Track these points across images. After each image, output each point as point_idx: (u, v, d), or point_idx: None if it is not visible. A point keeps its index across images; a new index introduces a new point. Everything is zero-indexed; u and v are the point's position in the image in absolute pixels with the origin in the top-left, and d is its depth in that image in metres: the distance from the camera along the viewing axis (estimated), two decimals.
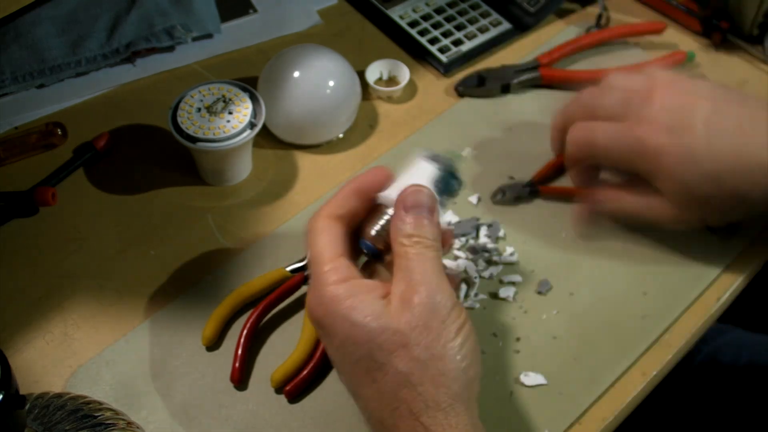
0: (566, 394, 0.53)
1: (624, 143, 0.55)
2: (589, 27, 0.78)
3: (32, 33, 0.71)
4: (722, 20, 0.75)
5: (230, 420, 0.52)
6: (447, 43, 0.75)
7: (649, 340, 0.56)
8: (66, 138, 0.67)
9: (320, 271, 0.45)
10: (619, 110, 0.56)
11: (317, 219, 0.47)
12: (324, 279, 0.44)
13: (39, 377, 0.53)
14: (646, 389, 0.54)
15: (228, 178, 0.65)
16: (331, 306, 0.43)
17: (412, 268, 0.44)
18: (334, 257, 0.45)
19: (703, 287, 0.59)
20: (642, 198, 0.57)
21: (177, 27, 0.73)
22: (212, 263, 0.60)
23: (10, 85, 0.69)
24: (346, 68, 0.67)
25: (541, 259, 0.60)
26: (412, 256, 0.44)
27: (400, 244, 0.45)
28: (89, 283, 0.59)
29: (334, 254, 0.45)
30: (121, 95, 0.71)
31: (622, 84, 0.57)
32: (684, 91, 0.55)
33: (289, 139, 0.67)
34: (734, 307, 0.60)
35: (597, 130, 0.56)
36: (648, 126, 0.54)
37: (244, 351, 0.54)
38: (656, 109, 0.54)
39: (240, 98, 0.62)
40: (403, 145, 0.68)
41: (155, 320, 0.56)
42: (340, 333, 0.43)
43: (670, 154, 0.53)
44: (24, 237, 0.61)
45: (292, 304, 0.57)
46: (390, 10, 0.78)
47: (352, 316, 0.43)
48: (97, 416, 0.43)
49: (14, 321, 0.56)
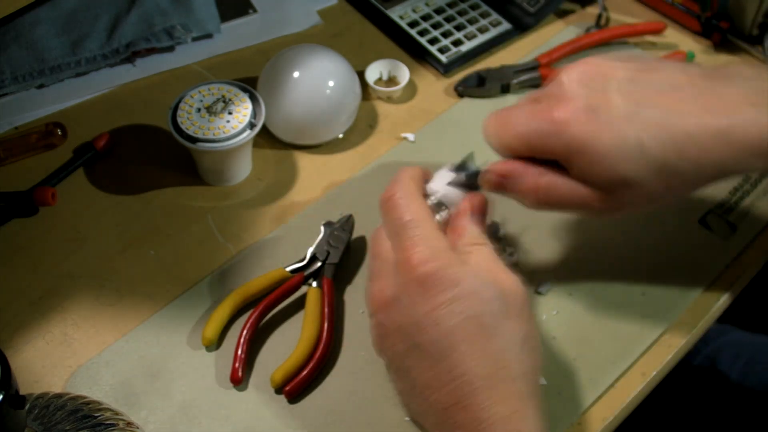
0: (566, 394, 0.53)
1: (540, 128, 0.49)
2: (589, 27, 0.78)
3: (32, 33, 0.71)
4: (722, 20, 0.75)
5: (230, 420, 0.52)
6: (447, 44, 0.75)
7: (649, 340, 0.56)
8: (66, 138, 0.67)
9: (427, 233, 0.46)
10: (537, 95, 0.52)
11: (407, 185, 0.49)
12: (434, 242, 0.46)
13: (39, 377, 0.53)
14: (646, 389, 0.54)
15: (228, 178, 0.65)
16: (447, 264, 0.45)
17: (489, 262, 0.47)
18: (435, 224, 0.48)
19: (703, 287, 0.59)
20: (566, 182, 0.50)
21: (177, 27, 0.73)
22: (212, 263, 0.60)
23: (10, 85, 0.69)
24: (346, 68, 0.67)
25: (541, 259, 0.60)
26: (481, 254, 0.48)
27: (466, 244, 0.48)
28: (89, 283, 0.59)
29: (433, 221, 0.48)
30: (121, 95, 0.71)
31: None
32: (596, 63, 0.50)
33: (289, 139, 0.67)
34: (734, 307, 0.60)
35: (510, 116, 0.51)
36: (564, 106, 0.48)
37: (244, 351, 0.54)
38: (565, 83, 0.49)
39: (240, 98, 0.62)
40: (403, 145, 0.68)
41: (155, 320, 0.56)
42: (450, 291, 0.44)
43: (590, 134, 0.47)
44: (24, 237, 0.61)
45: (292, 304, 0.57)
46: (390, 10, 0.78)
47: (469, 278, 0.45)
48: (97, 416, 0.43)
49: (14, 321, 0.56)
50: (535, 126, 0.49)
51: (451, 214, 0.51)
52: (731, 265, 0.60)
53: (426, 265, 0.45)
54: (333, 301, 0.56)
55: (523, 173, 0.51)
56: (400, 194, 0.48)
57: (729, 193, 0.64)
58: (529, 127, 0.49)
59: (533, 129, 0.49)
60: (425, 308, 0.44)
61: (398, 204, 0.48)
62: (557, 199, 0.50)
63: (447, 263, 0.45)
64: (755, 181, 0.65)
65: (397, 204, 0.48)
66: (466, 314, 0.44)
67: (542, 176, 0.50)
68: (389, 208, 0.48)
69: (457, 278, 0.44)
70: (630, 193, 0.48)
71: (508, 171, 0.51)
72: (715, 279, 0.59)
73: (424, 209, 0.48)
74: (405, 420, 0.51)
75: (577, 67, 0.49)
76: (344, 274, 0.59)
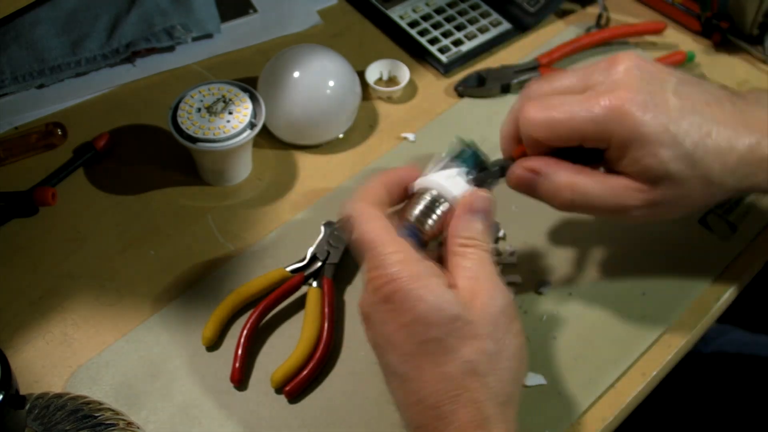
0: (566, 394, 0.53)
1: (597, 114, 0.47)
2: (589, 27, 0.78)
3: (32, 33, 0.71)
4: (722, 20, 0.75)
5: (230, 420, 0.52)
6: (447, 43, 0.75)
7: (649, 340, 0.56)
8: (66, 138, 0.67)
9: (385, 251, 0.45)
10: (578, 84, 0.50)
11: (361, 206, 0.47)
12: (393, 258, 0.44)
13: (39, 377, 0.53)
14: (646, 389, 0.54)
15: (228, 178, 0.65)
16: (407, 283, 0.43)
17: (475, 269, 0.45)
18: (396, 238, 0.46)
19: (703, 287, 0.59)
20: (603, 180, 0.49)
21: (177, 27, 0.73)
22: (212, 263, 0.60)
23: (10, 85, 0.69)
24: (346, 68, 0.67)
25: (541, 259, 0.60)
26: (472, 256, 0.46)
27: (461, 244, 0.46)
28: (89, 283, 0.59)
29: (394, 236, 0.46)
30: (121, 95, 0.71)
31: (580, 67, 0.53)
32: (647, 61, 0.50)
33: (289, 139, 0.67)
34: (734, 307, 0.60)
35: (554, 103, 0.49)
36: (618, 91, 0.47)
37: (244, 351, 0.54)
38: (623, 73, 0.48)
39: (240, 98, 0.62)
40: (404, 145, 0.68)
41: (155, 320, 0.56)
42: (412, 311, 0.43)
43: (651, 124, 0.47)
44: (24, 237, 0.61)
45: (293, 304, 0.57)
46: (390, 10, 0.78)
47: (429, 298, 0.43)
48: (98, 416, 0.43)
49: (14, 321, 0.56)
50: (584, 112, 0.48)
51: (450, 208, 0.49)
52: (731, 265, 0.60)
53: (387, 286, 0.43)
54: (333, 301, 0.56)
55: (557, 168, 0.49)
56: (354, 215, 0.47)
57: None
58: (583, 113, 0.48)
59: (589, 116, 0.48)
60: (390, 328, 0.44)
61: (355, 225, 0.47)
62: (593, 197, 0.49)
63: (408, 281, 0.43)
64: None
65: (354, 225, 0.47)
66: (427, 336, 0.43)
67: (579, 172, 0.49)
68: (349, 230, 0.47)
69: (419, 298, 0.43)
70: (672, 191, 0.48)
71: (540, 166, 0.50)
72: (715, 279, 0.59)
73: (382, 226, 0.46)
74: None
75: (631, 60, 0.49)
76: (344, 274, 0.59)
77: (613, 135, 0.48)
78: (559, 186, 0.49)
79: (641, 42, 0.77)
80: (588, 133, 0.48)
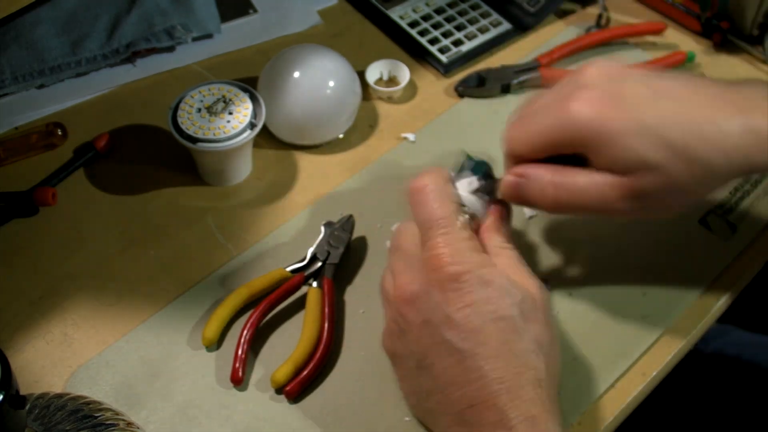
0: (566, 394, 0.53)
1: (558, 121, 0.48)
2: (589, 27, 0.78)
3: (32, 33, 0.71)
4: (722, 20, 0.75)
5: (230, 420, 0.52)
6: (447, 44, 0.75)
7: (649, 340, 0.56)
8: (66, 138, 0.67)
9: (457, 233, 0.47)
10: (552, 96, 0.51)
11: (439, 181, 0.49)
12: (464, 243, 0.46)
13: (39, 377, 0.53)
14: (646, 389, 0.54)
15: (228, 178, 0.65)
16: (478, 266, 0.46)
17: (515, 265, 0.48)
18: (465, 223, 0.48)
19: (703, 287, 0.59)
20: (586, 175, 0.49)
21: (177, 27, 0.73)
22: (212, 263, 0.60)
23: (10, 85, 0.69)
24: (346, 68, 0.67)
25: (541, 259, 0.60)
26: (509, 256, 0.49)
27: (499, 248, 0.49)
28: (89, 283, 0.59)
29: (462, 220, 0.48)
30: (121, 95, 0.71)
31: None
32: (612, 63, 0.50)
33: (289, 139, 0.67)
34: (735, 307, 0.60)
35: (529, 116, 0.51)
36: (582, 95, 0.48)
37: (244, 351, 0.54)
38: (587, 76, 0.49)
39: (240, 98, 0.62)
40: (404, 146, 0.68)
41: (155, 320, 0.56)
42: (482, 291, 0.45)
43: (607, 117, 0.47)
44: (24, 237, 0.61)
45: (293, 304, 0.57)
46: (390, 10, 0.78)
47: (499, 280, 0.46)
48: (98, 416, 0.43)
49: (14, 321, 0.56)
50: (552, 120, 0.49)
51: (474, 219, 0.51)
52: (731, 265, 0.60)
53: (458, 265, 0.45)
54: (333, 301, 0.56)
55: (543, 170, 0.50)
56: (432, 187, 0.48)
57: (729, 193, 0.64)
58: (547, 122, 0.49)
59: (551, 124, 0.49)
60: (457, 305, 0.45)
61: (430, 198, 0.48)
62: (576, 192, 0.49)
63: (478, 264, 0.46)
64: (755, 182, 0.65)
65: (429, 198, 0.48)
66: (496, 314, 0.44)
67: (563, 171, 0.50)
68: (421, 200, 0.48)
69: (488, 279, 0.45)
70: (653, 180, 0.47)
71: (526, 170, 0.51)
72: (715, 279, 0.59)
73: (454, 208, 0.48)
74: (405, 420, 0.51)
75: (596, 64, 0.50)
76: (344, 274, 0.59)
77: (583, 137, 0.48)
78: (544, 185, 0.50)
79: (641, 42, 0.77)
80: (562, 140, 0.49)
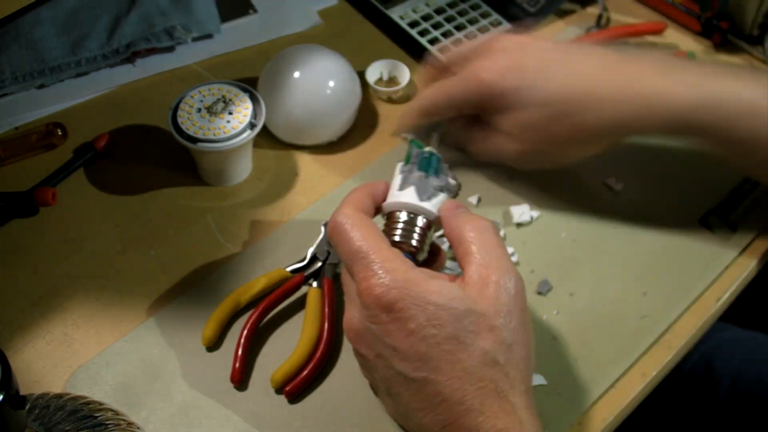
0: (566, 394, 0.53)
1: (466, 86, 0.59)
2: (589, 27, 0.78)
3: (32, 33, 0.71)
4: (722, 20, 0.75)
5: (230, 420, 0.52)
6: (447, 44, 0.75)
7: (649, 340, 0.56)
8: (66, 138, 0.67)
9: (381, 258, 0.44)
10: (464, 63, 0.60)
11: (351, 212, 0.47)
12: (390, 266, 0.44)
13: (39, 377, 0.53)
14: (646, 390, 0.54)
15: (228, 178, 0.65)
16: (409, 289, 0.43)
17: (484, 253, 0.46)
18: (389, 246, 0.46)
19: (703, 287, 0.59)
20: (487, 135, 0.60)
21: (177, 27, 0.73)
22: (212, 263, 0.60)
23: (10, 85, 0.69)
24: (346, 68, 0.67)
25: (541, 259, 0.60)
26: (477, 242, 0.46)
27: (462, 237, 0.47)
28: (89, 283, 0.59)
29: (387, 243, 0.46)
30: (121, 95, 0.71)
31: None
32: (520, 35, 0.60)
33: (289, 139, 0.67)
34: (734, 307, 0.60)
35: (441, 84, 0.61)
36: (488, 65, 0.57)
37: (244, 351, 0.54)
38: (495, 51, 0.58)
39: (240, 98, 0.62)
40: (404, 146, 0.68)
41: (155, 320, 0.56)
42: (420, 315, 0.43)
43: (508, 86, 0.56)
44: (24, 237, 0.61)
45: (292, 304, 0.57)
46: (390, 11, 0.78)
47: (434, 299, 0.43)
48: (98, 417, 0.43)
49: (14, 321, 0.56)
50: (460, 80, 0.59)
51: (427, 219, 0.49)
52: (731, 265, 0.60)
53: (389, 293, 0.43)
54: (333, 302, 0.56)
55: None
56: (344, 222, 0.46)
57: (729, 193, 0.64)
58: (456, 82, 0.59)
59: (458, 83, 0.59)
60: (399, 336, 0.43)
61: (345, 233, 0.46)
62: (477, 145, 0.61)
63: (409, 286, 0.43)
64: (755, 182, 0.65)
65: (344, 233, 0.46)
66: (440, 336, 0.43)
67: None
68: (338, 240, 0.47)
69: (423, 300, 0.43)
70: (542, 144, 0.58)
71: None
72: (715, 279, 0.59)
73: (373, 233, 0.46)
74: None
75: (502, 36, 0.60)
76: None
77: (480, 106, 0.59)
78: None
79: (641, 42, 0.77)
80: (464, 104, 0.60)
